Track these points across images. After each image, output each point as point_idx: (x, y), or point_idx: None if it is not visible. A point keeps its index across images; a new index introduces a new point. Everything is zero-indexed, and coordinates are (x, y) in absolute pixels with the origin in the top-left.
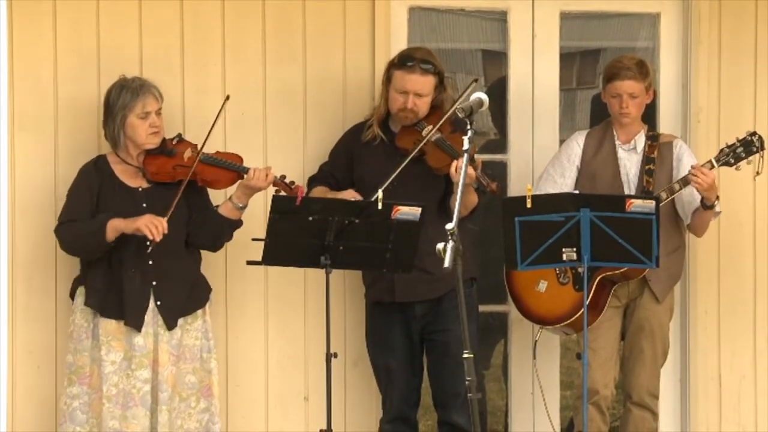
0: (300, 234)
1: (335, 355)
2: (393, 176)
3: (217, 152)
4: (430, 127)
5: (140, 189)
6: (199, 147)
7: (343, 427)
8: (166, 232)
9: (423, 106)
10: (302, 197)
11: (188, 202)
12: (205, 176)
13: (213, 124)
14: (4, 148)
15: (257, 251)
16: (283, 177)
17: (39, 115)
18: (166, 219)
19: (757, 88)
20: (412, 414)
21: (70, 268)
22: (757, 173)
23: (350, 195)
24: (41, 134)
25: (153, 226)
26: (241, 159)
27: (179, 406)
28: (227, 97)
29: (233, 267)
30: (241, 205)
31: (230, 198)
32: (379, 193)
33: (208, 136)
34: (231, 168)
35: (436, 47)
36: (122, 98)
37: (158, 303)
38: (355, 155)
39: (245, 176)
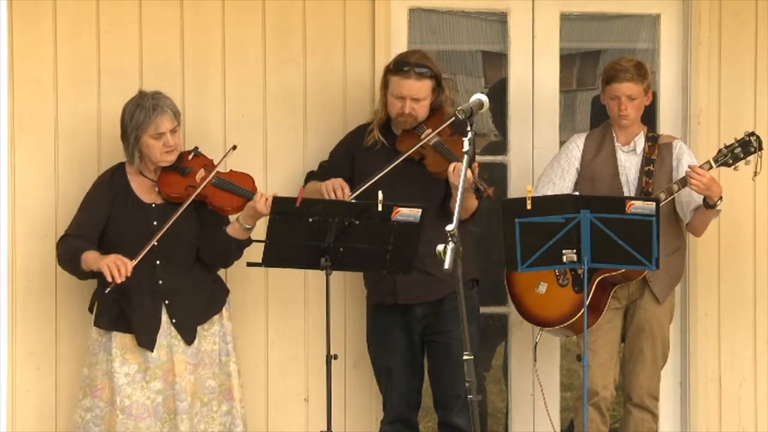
0: (300, 235)
1: (335, 357)
2: (379, 176)
3: (231, 171)
4: (429, 130)
5: (153, 205)
6: (212, 170)
7: (344, 429)
8: (129, 275)
9: (421, 110)
10: (302, 199)
11: (201, 218)
12: (214, 201)
13: (220, 161)
14: (4, 149)
15: (257, 253)
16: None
17: (39, 117)
18: (134, 262)
19: (757, 88)
20: (413, 415)
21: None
22: (756, 173)
23: (338, 183)
24: (41, 135)
25: (115, 267)
26: (252, 180)
27: (201, 411)
28: (234, 147)
29: (233, 268)
30: (247, 227)
31: (237, 219)
32: (380, 195)
33: (219, 163)
34: (239, 193)
35: (436, 48)
36: (135, 118)
37: (173, 321)
38: (356, 157)
39: (255, 200)
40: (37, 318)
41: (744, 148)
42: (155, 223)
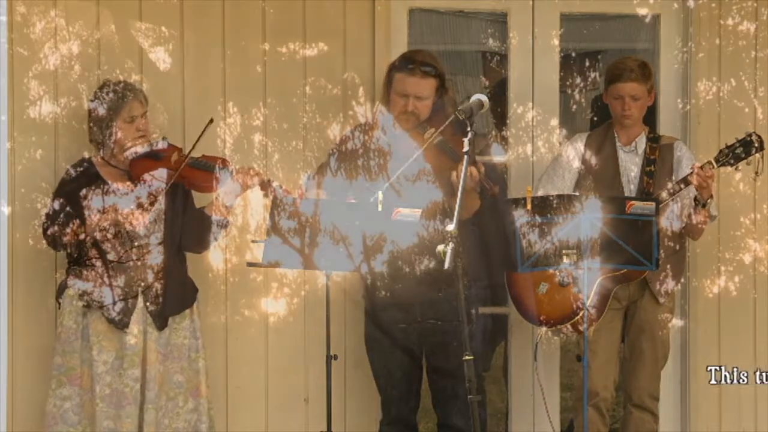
0: (300, 235)
1: (335, 357)
2: (392, 179)
3: (204, 156)
4: (432, 129)
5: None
6: (185, 152)
7: (344, 429)
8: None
9: (424, 109)
10: (302, 199)
11: (174, 205)
12: (191, 179)
13: (199, 137)
14: (4, 149)
15: (257, 253)
16: (270, 181)
17: (39, 117)
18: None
19: (757, 89)
20: (412, 416)
21: None
22: (756, 173)
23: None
24: (41, 134)
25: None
26: (227, 163)
27: (166, 405)
28: (211, 120)
29: (233, 268)
30: (228, 204)
31: (216, 197)
32: (379, 195)
33: (195, 143)
34: (216, 171)
35: (436, 49)
36: (108, 103)
37: (147, 304)
38: (353, 159)
39: (232, 177)
40: (37, 318)
41: (745, 148)
42: (131, 207)
